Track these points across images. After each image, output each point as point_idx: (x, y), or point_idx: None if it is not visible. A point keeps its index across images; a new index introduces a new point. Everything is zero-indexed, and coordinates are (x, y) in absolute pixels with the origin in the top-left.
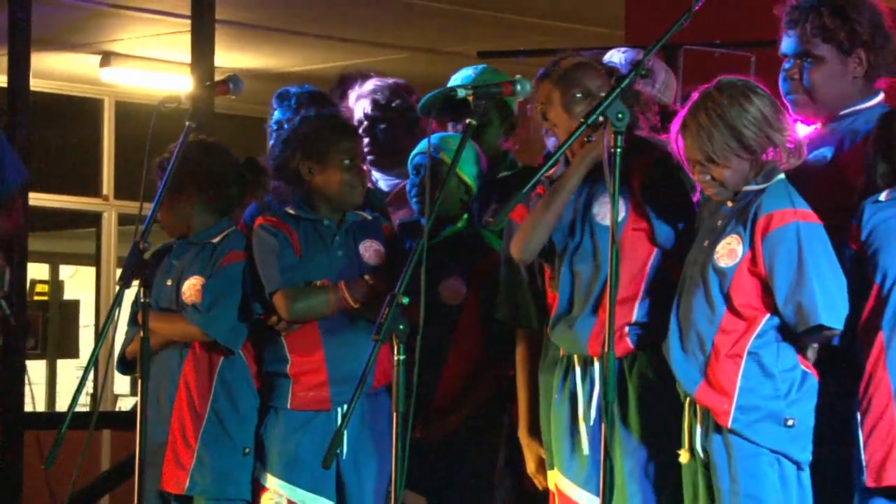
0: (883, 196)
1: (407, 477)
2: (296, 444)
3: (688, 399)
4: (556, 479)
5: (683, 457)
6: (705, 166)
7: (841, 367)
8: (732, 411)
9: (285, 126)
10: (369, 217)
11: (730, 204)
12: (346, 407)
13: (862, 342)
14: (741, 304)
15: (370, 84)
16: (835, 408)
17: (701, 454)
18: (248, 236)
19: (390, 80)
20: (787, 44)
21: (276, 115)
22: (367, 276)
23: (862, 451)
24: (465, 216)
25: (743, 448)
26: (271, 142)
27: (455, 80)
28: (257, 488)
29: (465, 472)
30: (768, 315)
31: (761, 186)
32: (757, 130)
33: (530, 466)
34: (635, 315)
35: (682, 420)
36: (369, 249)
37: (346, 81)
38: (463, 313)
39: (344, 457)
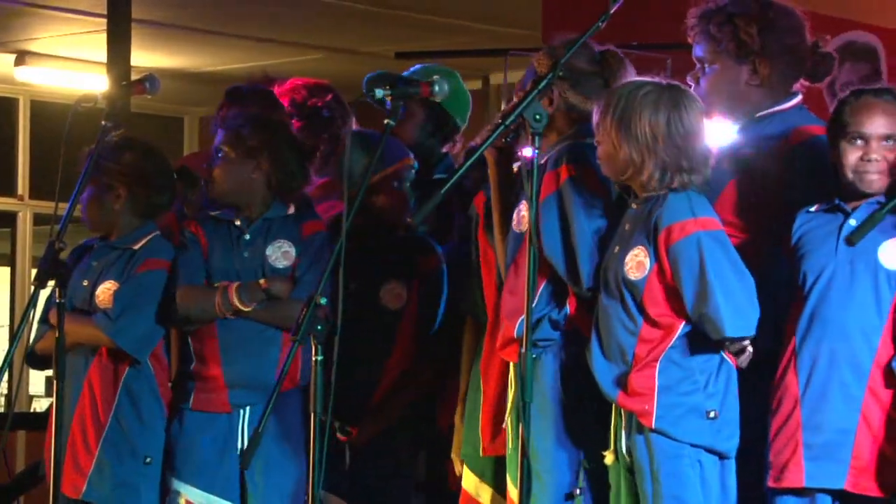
0: (814, 207)
1: (326, 479)
2: (197, 445)
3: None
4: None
5: (608, 458)
6: (599, 136)
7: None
8: (655, 411)
9: None
10: (290, 213)
11: (634, 206)
12: (248, 409)
13: (781, 343)
14: (656, 314)
15: (288, 83)
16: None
17: (626, 457)
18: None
19: (308, 80)
20: (694, 49)
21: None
22: (262, 280)
23: (768, 451)
24: None
25: (665, 449)
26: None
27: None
28: (166, 492)
29: (385, 474)
30: (684, 322)
31: (661, 193)
32: (646, 133)
33: (455, 450)
34: None
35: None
36: (278, 251)
37: (266, 82)
38: (403, 314)
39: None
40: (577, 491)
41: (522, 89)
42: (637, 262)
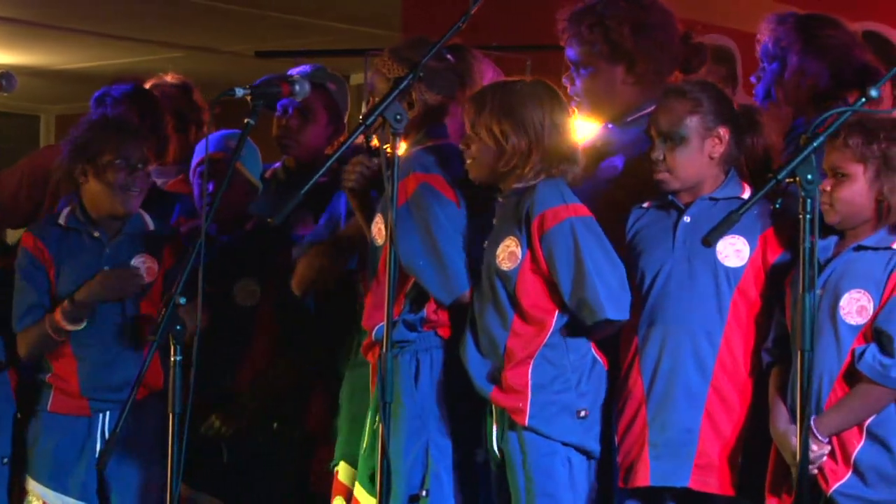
0: (646, 204)
1: (202, 479)
2: (54, 448)
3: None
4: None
5: (481, 456)
6: (469, 138)
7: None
8: (528, 409)
9: None
10: (153, 227)
11: (500, 200)
12: (108, 413)
13: (620, 342)
14: (529, 305)
15: (148, 83)
16: None
17: (497, 454)
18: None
19: (168, 79)
20: (567, 51)
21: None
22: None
23: (617, 453)
24: None
25: (538, 446)
26: None
27: None
28: (21, 493)
29: (260, 474)
30: (558, 313)
31: (531, 184)
32: (529, 126)
33: (337, 451)
34: None
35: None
36: (143, 266)
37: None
38: (260, 309)
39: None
40: (424, 493)
41: (372, 93)
42: (509, 253)
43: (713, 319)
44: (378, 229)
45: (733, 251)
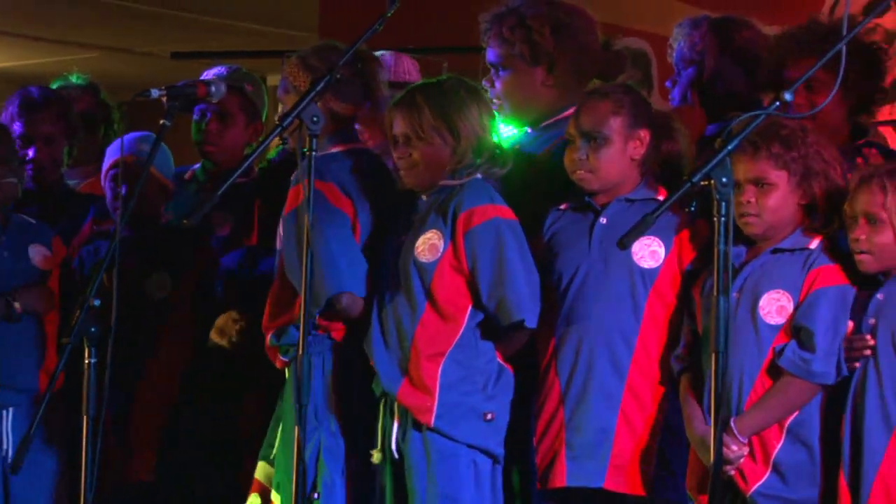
0: (563, 205)
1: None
2: None
3: (384, 398)
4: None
5: (376, 457)
6: (407, 144)
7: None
8: (435, 409)
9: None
10: (33, 221)
11: (424, 198)
12: (11, 411)
13: (538, 343)
14: (444, 299)
15: (54, 84)
16: None
17: (395, 454)
18: None
19: (74, 80)
20: (488, 53)
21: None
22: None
23: (535, 455)
24: None
25: (443, 448)
26: None
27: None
28: None
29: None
30: (470, 310)
31: (459, 182)
32: (467, 125)
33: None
34: None
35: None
36: (39, 254)
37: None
38: (174, 308)
39: (9, 460)
40: (315, 496)
41: (280, 100)
42: (430, 245)
43: (629, 320)
44: (280, 235)
45: (648, 252)
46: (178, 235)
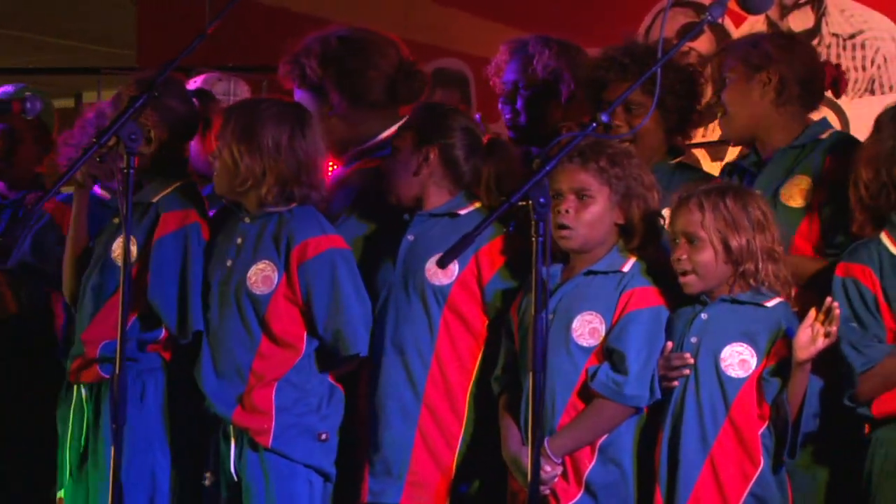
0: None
1: None
2: None
3: (218, 420)
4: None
5: (209, 479)
6: (215, 151)
7: None
8: (272, 430)
9: None
10: None
11: (247, 220)
12: None
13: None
14: (280, 330)
15: None
16: None
17: (234, 476)
18: None
19: None
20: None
21: None
22: None
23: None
24: None
25: (280, 468)
26: None
27: None
28: None
29: None
30: (307, 338)
31: (282, 209)
32: (292, 154)
33: None
34: None
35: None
36: None
37: None
38: None
39: None
40: None
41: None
42: (263, 277)
43: (424, 338)
44: (119, 251)
45: (440, 269)
46: None
